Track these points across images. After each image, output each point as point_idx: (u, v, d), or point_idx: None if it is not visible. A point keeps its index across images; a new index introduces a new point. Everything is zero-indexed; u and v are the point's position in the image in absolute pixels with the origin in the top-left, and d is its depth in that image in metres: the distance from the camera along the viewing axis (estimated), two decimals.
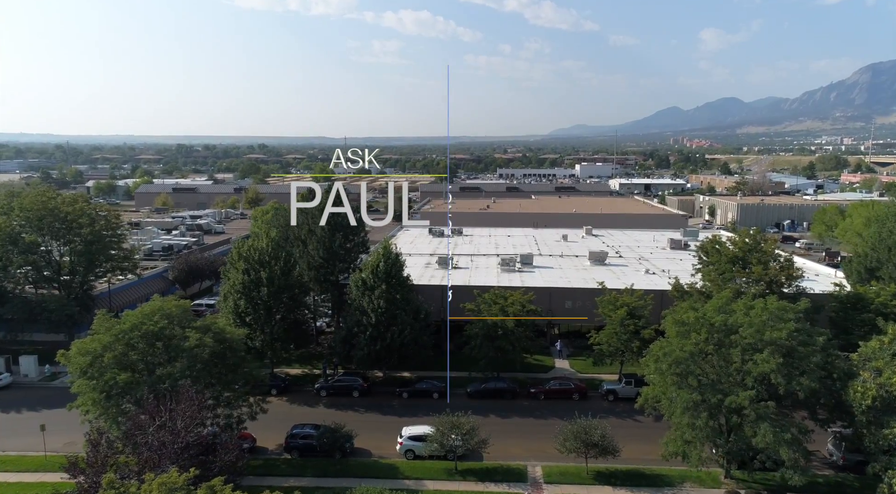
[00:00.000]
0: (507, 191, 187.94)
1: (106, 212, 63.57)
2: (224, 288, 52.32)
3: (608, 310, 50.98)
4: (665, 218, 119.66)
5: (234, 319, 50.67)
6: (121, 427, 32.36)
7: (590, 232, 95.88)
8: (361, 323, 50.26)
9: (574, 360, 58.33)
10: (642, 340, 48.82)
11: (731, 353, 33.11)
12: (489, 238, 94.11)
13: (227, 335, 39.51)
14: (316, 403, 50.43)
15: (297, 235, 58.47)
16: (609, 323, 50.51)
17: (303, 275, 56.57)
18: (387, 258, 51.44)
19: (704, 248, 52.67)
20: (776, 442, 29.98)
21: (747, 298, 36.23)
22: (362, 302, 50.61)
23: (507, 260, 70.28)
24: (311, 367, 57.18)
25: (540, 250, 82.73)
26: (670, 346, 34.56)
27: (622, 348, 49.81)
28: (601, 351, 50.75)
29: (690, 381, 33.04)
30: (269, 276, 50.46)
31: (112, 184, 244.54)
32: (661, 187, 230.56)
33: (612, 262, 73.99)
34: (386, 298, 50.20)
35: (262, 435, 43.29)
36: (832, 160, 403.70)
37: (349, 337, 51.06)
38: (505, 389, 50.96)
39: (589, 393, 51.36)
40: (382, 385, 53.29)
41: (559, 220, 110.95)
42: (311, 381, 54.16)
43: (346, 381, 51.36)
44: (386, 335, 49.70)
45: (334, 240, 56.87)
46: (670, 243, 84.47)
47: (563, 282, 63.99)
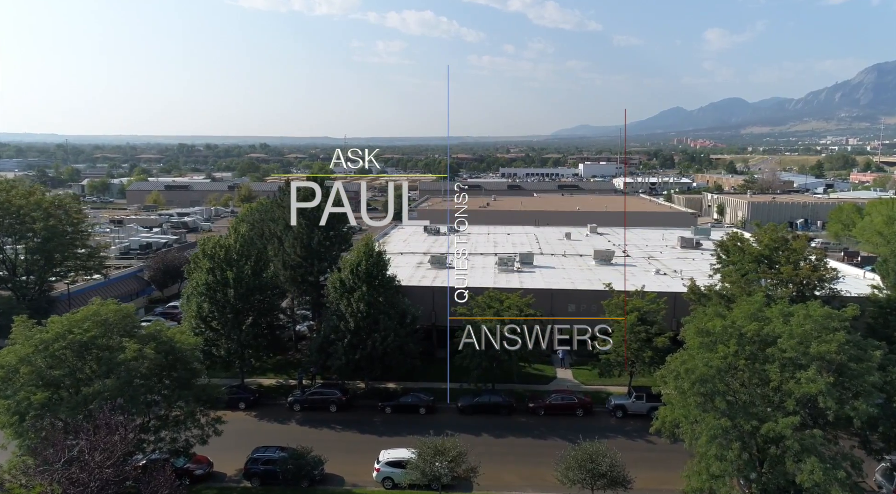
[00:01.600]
0: (509, 189, 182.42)
1: (66, 205, 58.11)
2: (186, 289, 46.97)
3: (616, 315, 45.45)
4: (673, 216, 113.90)
5: (198, 324, 45.36)
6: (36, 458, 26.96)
7: (594, 229, 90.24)
8: (339, 329, 44.82)
9: (578, 370, 52.78)
10: (655, 349, 43.32)
11: (768, 370, 27.54)
12: (487, 236, 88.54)
13: (176, 344, 34.12)
14: (288, 419, 44.99)
15: (273, 231, 53.06)
16: (617, 330, 44.99)
17: (278, 276, 51.17)
18: (368, 256, 45.98)
19: (724, 246, 47.09)
20: (827, 481, 24.40)
21: (781, 304, 30.64)
22: (340, 305, 45.17)
23: (504, 260, 64.75)
24: (288, 377, 51.81)
25: (541, 249, 77.21)
26: (693, 361, 28.98)
27: (632, 358, 44.31)
28: (608, 360, 45.27)
29: (718, 404, 27.46)
30: (236, 276, 45.04)
31: (106, 181, 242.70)
32: (666, 186, 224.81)
33: (618, 262, 68.38)
34: (367, 301, 44.76)
35: (222, 458, 37.88)
36: (840, 159, 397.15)
37: (326, 344, 45.62)
38: (500, 404, 45.46)
39: (595, 409, 45.86)
40: (365, 397, 47.84)
41: (562, 218, 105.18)
42: (286, 393, 48.76)
43: (322, 394, 45.92)
44: (366, 342, 44.26)
45: (312, 236, 51.38)
46: (681, 242, 78.82)
47: (566, 284, 58.46)
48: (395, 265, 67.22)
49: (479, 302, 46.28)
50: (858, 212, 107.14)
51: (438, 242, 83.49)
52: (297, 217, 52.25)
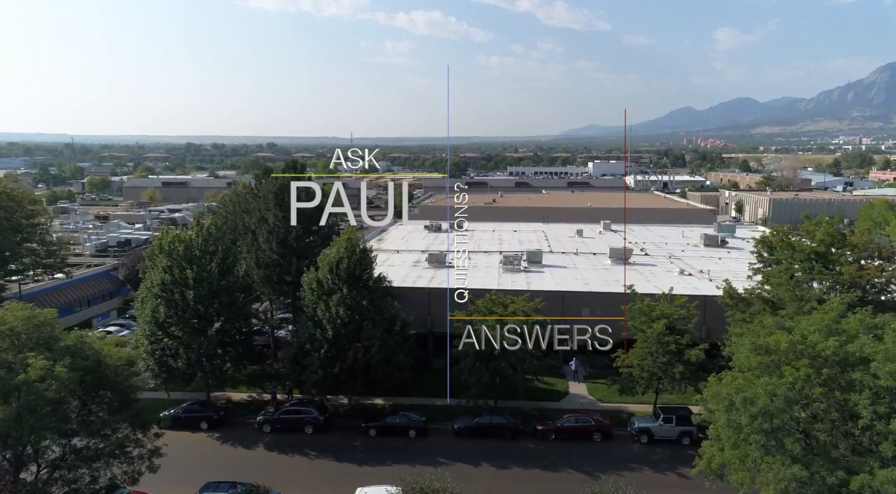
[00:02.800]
0: (517, 187, 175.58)
1: (18, 196, 51.97)
2: (141, 290, 40.69)
3: (640, 322, 38.80)
4: (691, 213, 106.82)
5: (154, 331, 39.06)
6: None
7: (608, 227, 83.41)
8: (315, 337, 38.38)
9: (594, 384, 46.09)
10: (687, 364, 36.68)
11: (855, 402, 20.88)
12: (492, 233, 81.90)
13: (105, 358, 27.79)
14: (256, 442, 38.58)
15: (247, 225, 46.67)
16: (642, 340, 38.37)
17: (251, 275, 44.80)
18: (350, 253, 39.50)
19: (767, 243, 40.29)
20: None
21: (863, 314, 23.91)
22: (317, 310, 38.74)
23: (510, 258, 58.16)
24: (263, 391, 45.48)
25: (550, 247, 70.54)
26: (753, 388, 22.35)
27: (659, 373, 37.66)
28: (630, 376, 38.64)
29: (790, 446, 20.85)
30: (196, 276, 38.68)
31: (106, 179, 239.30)
32: (679, 184, 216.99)
33: (637, 261, 61.72)
34: (348, 305, 38.31)
35: (173, 492, 31.57)
36: (857, 158, 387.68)
37: (300, 355, 39.18)
38: (504, 426, 38.84)
39: (614, 432, 39.18)
40: (347, 416, 41.37)
41: (572, 215, 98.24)
42: (259, 409, 42.35)
43: (296, 413, 39.48)
44: (346, 354, 37.79)
45: (290, 230, 44.95)
46: (704, 239, 71.92)
47: (579, 285, 51.84)
48: (389, 264, 60.94)
49: (479, 307, 39.71)
50: (891, 210, 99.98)
51: (439, 240, 76.98)
52: (274, 208, 46.09)
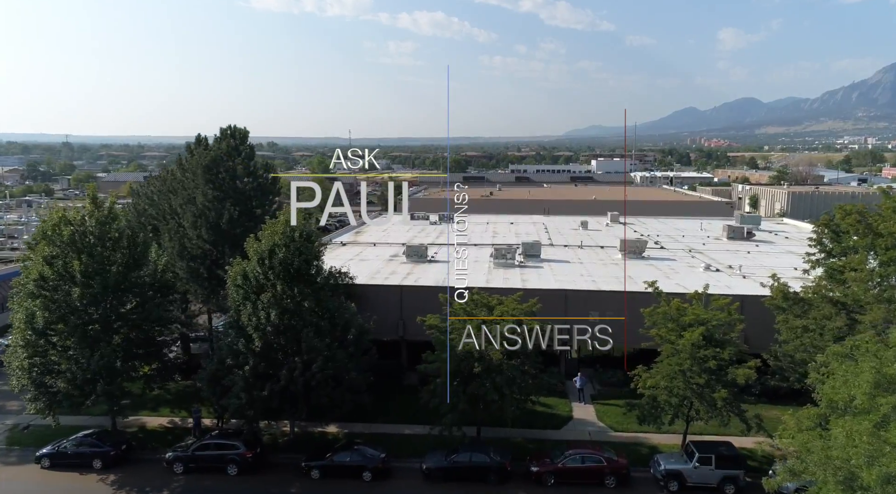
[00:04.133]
0: (516, 181, 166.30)
1: None
2: (14, 283, 31.47)
3: (666, 331, 29.56)
4: (706, 205, 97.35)
5: (31, 340, 29.93)
6: None
7: (616, 219, 74.17)
8: (238, 350, 29.20)
9: (603, 406, 36.80)
10: (731, 386, 27.46)
11: None
12: (486, 226, 72.69)
13: None
14: (160, 488, 29.33)
15: (172, 207, 37.46)
16: (669, 354, 29.15)
17: (172, 268, 35.61)
18: (288, 239, 30.25)
19: (830, 228, 31.09)
20: None
21: None
22: (242, 314, 29.55)
23: (502, 251, 48.90)
24: (190, 414, 36.28)
25: (551, 239, 61.33)
26: (873, 444, 13.14)
27: (693, 398, 28.45)
28: (654, 400, 29.40)
29: None
30: (84, 270, 29.54)
31: (91, 174, 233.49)
32: (686, 181, 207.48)
33: (652, 255, 52.53)
34: (283, 307, 29.16)
35: None
36: (866, 155, 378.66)
37: (221, 372, 29.95)
38: (487, 466, 29.49)
39: (632, 473, 29.93)
40: (288, 450, 32.20)
41: (576, 208, 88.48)
42: (180, 439, 33.26)
43: (217, 448, 30.29)
44: (279, 372, 28.60)
45: (222, 212, 35.70)
46: (727, 231, 62.61)
47: (586, 282, 42.64)
48: (361, 258, 51.84)
49: (455, 310, 30.50)
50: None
51: (424, 232, 67.80)
52: (204, 186, 36.94)
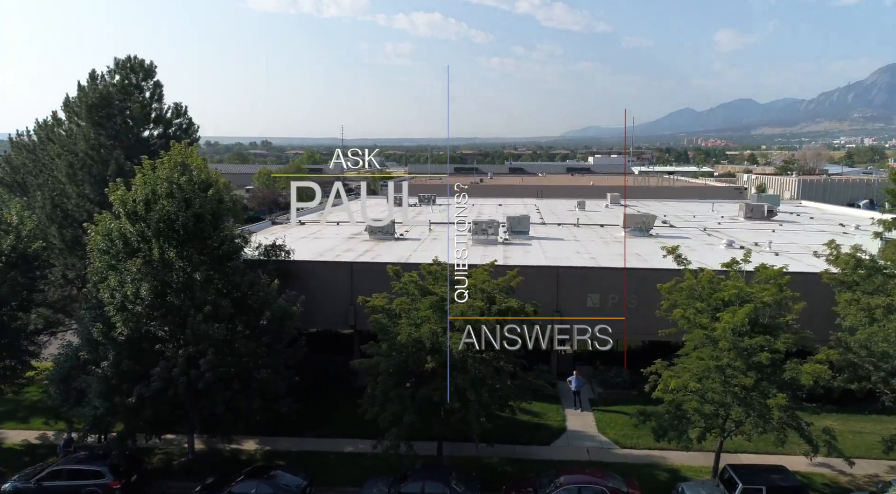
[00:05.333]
0: (510, 172, 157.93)
1: None
2: None
3: (694, 312, 21.38)
4: (714, 190, 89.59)
5: None
6: None
7: (617, 200, 66.11)
8: (96, 340, 20.95)
9: (606, 414, 28.53)
10: (790, 389, 19.36)
11: None
12: (472, 207, 64.49)
13: None
14: None
15: (42, 161, 29.11)
16: (696, 344, 21.03)
17: (42, 234, 27.33)
18: (177, 174, 21.82)
19: None
20: None
21: None
22: (102, 290, 21.27)
23: (483, 226, 40.80)
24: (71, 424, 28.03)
25: (543, 219, 53.35)
26: None
27: (733, 404, 20.28)
28: (679, 408, 21.21)
29: None
30: None
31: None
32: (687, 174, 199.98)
33: (662, 233, 44.53)
34: (161, 280, 20.93)
35: None
36: (868, 152, 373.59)
37: (76, 371, 21.66)
38: None
39: None
40: (185, 474, 23.97)
41: (572, 192, 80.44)
42: (48, 455, 25.07)
43: (73, 476, 21.98)
44: (151, 373, 20.35)
45: (108, 162, 27.34)
46: (745, 210, 54.56)
47: (582, 259, 34.54)
48: (315, 237, 43.74)
49: (405, 284, 22.33)
50: None
51: (401, 211, 59.48)
52: (90, 130, 28.64)
